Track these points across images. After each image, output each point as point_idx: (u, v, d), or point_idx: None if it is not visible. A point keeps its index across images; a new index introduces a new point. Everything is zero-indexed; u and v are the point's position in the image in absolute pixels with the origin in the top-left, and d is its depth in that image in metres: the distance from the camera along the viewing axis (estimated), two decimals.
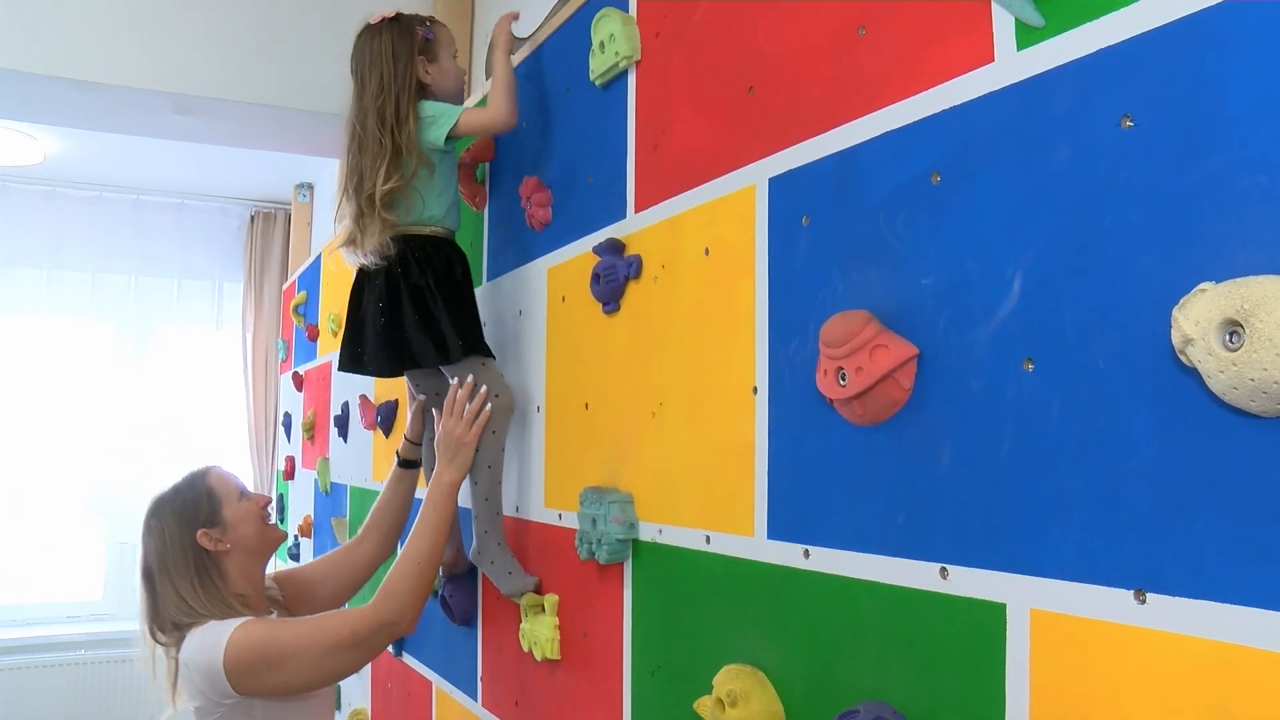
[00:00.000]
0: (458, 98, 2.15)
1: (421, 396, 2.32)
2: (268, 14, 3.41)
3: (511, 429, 2.16)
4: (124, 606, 5.94)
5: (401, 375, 2.25)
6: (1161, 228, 0.92)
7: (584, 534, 1.77)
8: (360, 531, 2.46)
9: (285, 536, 2.34)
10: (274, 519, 2.32)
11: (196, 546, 2.05)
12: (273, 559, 2.41)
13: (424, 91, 2.08)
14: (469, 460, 2.04)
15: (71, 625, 5.77)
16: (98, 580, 5.98)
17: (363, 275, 2.13)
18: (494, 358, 2.11)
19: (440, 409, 2.14)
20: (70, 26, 3.15)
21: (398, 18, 2.11)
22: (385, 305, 2.06)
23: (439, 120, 2.02)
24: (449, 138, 2.03)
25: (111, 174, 5.85)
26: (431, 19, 2.17)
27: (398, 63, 2.05)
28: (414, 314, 2.02)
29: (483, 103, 2.14)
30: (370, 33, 2.08)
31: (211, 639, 1.92)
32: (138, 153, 5.36)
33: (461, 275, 2.09)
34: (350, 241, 2.06)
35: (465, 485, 2.09)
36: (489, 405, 2.04)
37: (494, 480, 2.07)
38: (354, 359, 2.16)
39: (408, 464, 2.43)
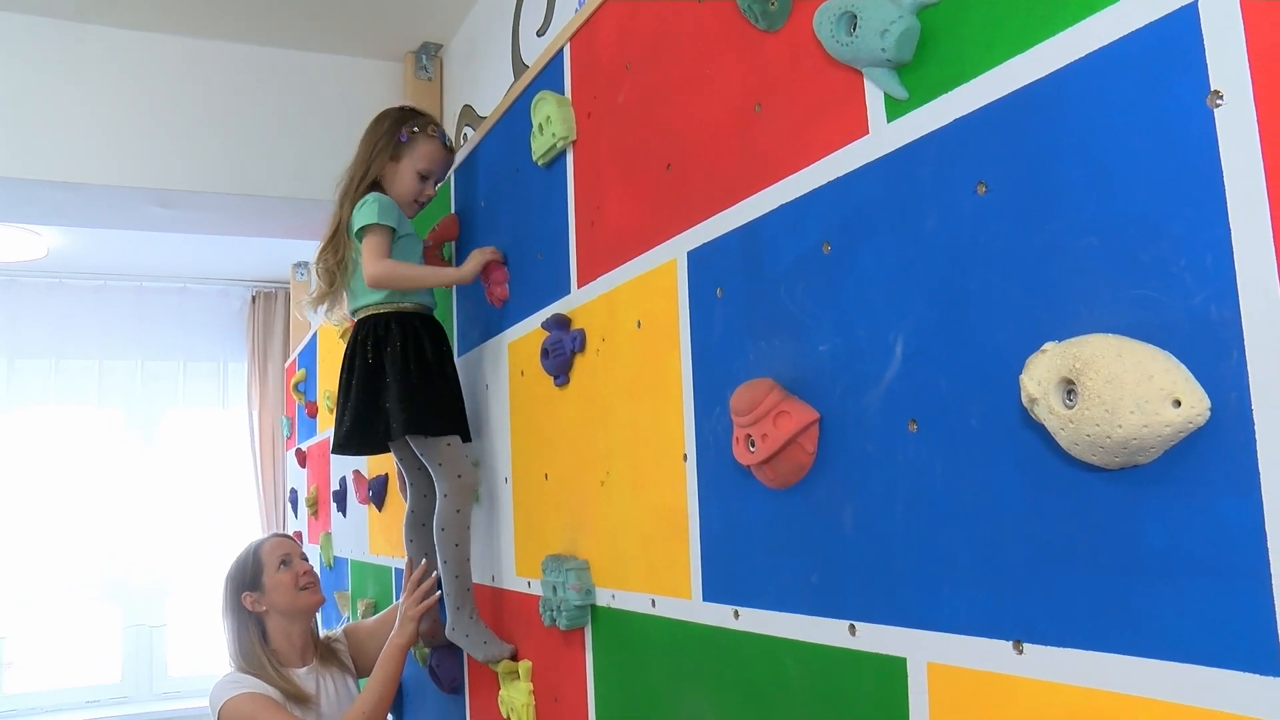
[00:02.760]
0: (406, 207, 2.23)
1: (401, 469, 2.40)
2: (241, 107, 3.52)
3: (485, 500, 2.21)
4: (141, 689, 5.97)
5: (370, 453, 2.27)
6: (1015, 290, 0.97)
7: (546, 601, 1.81)
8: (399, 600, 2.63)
9: (318, 601, 2.55)
10: (309, 586, 2.54)
11: (240, 606, 2.46)
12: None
13: (379, 185, 2.17)
14: (414, 630, 2.30)
15: (90, 710, 5.79)
16: (115, 663, 6.01)
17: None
18: (460, 435, 2.13)
19: (413, 480, 2.27)
20: (49, 130, 3.26)
21: (403, 111, 2.25)
22: (344, 386, 2.14)
23: (361, 213, 2.10)
24: (356, 231, 2.10)
25: (113, 263, 5.96)
26: (431, 127, 2.26)
27: (372, 149, 2.20)
28: (360, 395, 2.09)
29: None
30: (381, 115, 2.24)
31: (221, 691, 2.31)
32: (138, 242, 5.47)
33: (427, 352, 2.11)
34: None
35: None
36: (436, 574, 2.18)
37: (462, 558, 2.12)
38: (335, 441, 2.21)
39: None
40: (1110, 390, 0.83)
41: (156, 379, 6.24)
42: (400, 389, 2.06)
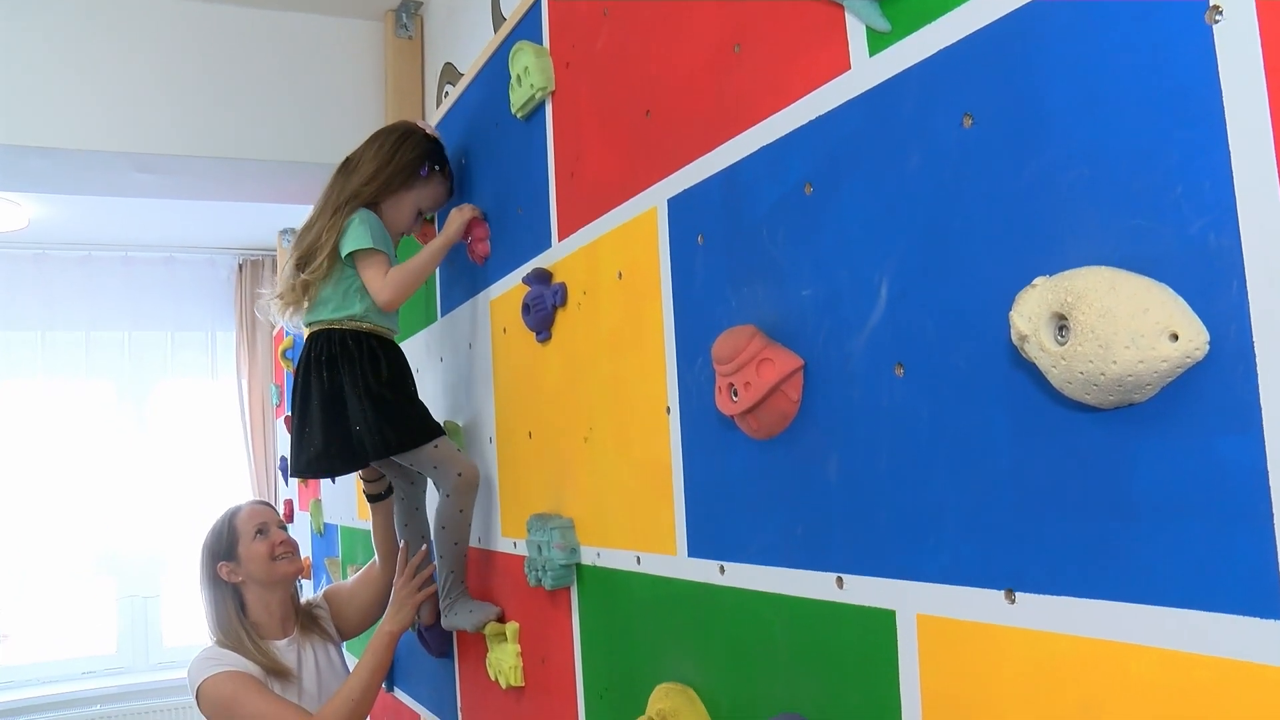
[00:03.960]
0: (395, 235, 2.13)
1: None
2: (218, 69, 3.44)
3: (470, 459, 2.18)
4: (137, 659, 5.97)
5: (344, 474, 2.18)
6: (1003, 225, 0.93)
7: (531, 561, 1.78)
8: (374, 558, 2.62)
9: (295, 571, 2.46)
10: (286, 555, 2.44)
11: (216, 576, 2.39)
12: None
13: (374, 206, 2.08)
14: (410, 617, 2.27)
15: (87, 681, 5.78)
16: (110, 635, 6.00)
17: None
18: (441, 434, 2.03)
19: (394, 475, 2.25)
20: (25, 95, 3.18)
21: (431, 143, 2.14)
22: (300, 406, 2.03)
23: (353, 235, 1.99)
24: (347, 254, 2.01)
25: (99, 233, 5.89)
26: (448, 168, 2.18)
27: (385, 168, 2.06)
28: (325, 418, 1.97)
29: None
30: (404, 134, 2.12)
31: (199, 668, 2.24)
32: (122, 210, 5.40)
33: (383, 370, 1.99)
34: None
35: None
36: (435, 562, 2.14)
37: (459, 554, 2.09)
38: (300, 464, 2.06)
39: (376, 498, 2.47)
40: (1104, 325, 0.79)
41: (145, 350, 6.18)
42: (369, 412, 1.94)
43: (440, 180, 2.15)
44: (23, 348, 5.92)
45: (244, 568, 2.39)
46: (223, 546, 2.39)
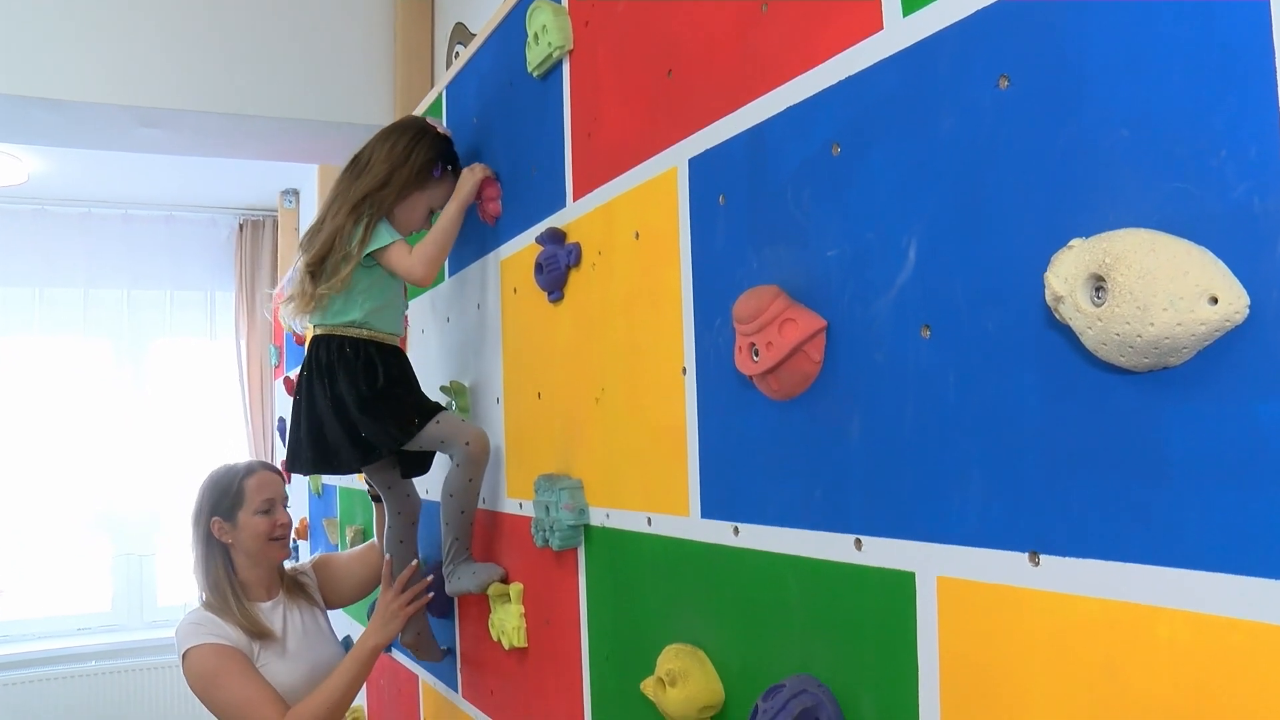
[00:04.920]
0: (405, 232, 2.11)
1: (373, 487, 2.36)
2: (226, 23, 3.41)
3: (474, 422, 2.17)
4: (133, 617, 5.99)
5: (346, 473, 2.20)
6: (1038, 187, 0.92)
7: (538, 521, 1.77)
8: (374, 539, 2.60)
9: (284, 556, 2.43)
10: (282, 539, 2.39)
11: (207, 527, 2.32)
12: None
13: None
14: (396, 631, 2.23)
15: (82, 637, 5.81)
16: (106, 592, 6.02)
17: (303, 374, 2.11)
18: (441, 410, 2.05)
19: (386, 498, 2.26)
20: (29, 45, 3.16)
21: (443, 141, 2.13)
22: (304, 407, 2.07)
23: (377, 237, 2.01)
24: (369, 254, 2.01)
25: (98, 190, 5.87)
26: (453, 166, 2.16)
27: (398, 168, 2.05)
28: (332, 420, 2.01)
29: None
30: (417, 133, 2.10)
31: (186, 633, 2.22)
32: (123, 167, 5.37)
33: (382, 380, 2.02)
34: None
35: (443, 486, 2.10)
36: (429, 576, 2.18)
37: (465, 523, 2.08)
38: (294, 459, 2.13)
39: (378, 499, 2.48)
40: (1142, 286, 0.79)
41: (143, 308, 6.18)
42: (367, 417, 1.99)
43: (452, 179, 2.14)
44: (20, 304, 5.90)
45: (238, 533, 2.32)
46: (225, 504, 2.33)
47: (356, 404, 1.98)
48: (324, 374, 2.02)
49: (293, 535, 4.34)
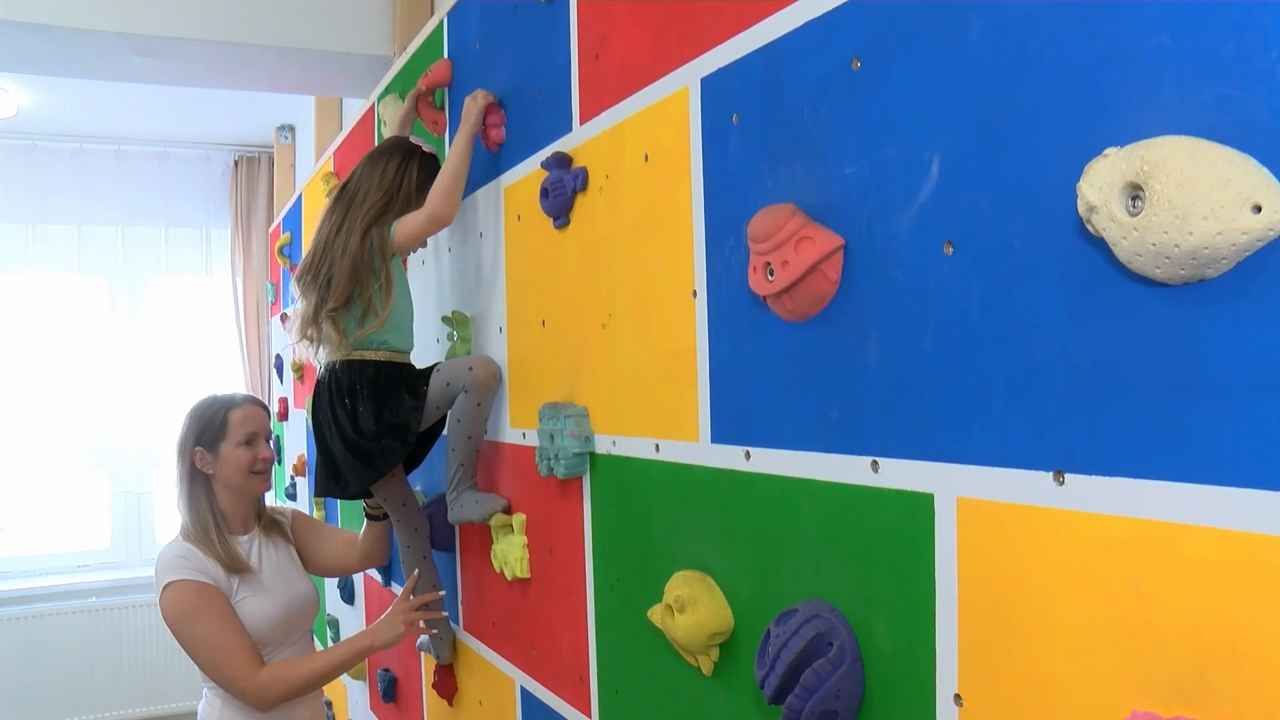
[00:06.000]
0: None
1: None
2: None
3: (478, 351, 2.15)
4: (131, 554, 6.01)
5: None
6: (1071, 97, 0.89)
7: (543, 450, 1.76)
8: (358, 541, 2.61)
9: (265, 489, 2.43)
10: (263, 473, 2.39)
11: (191, 459, 2.32)
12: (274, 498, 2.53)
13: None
14: (397, 640, 2.23)
15: (81, 574, 5.83)
16: (104, 530, 6.03)
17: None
18: (434, 369, 2.09)
19: (397, 516, 2.30)
20: None
21: (430, 163, 2.14)
22: (328, 430, 2.12)
23: (387, 239, 2.03)
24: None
25: (91, 125, 5.78)
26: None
27: (400, 184, 2.08)
28: (340, 444, 2.08)
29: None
30: (403, 159, 2.11)
31: (167, 565, 2.23)
32: (116, 102, 5.29)
33: (399, 402, 2.07)
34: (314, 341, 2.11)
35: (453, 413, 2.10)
36: (441, 592, 2.23)
37: (471, 449, 2.07)
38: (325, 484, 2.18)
39: (374, 518, 2.52)
40: (1182, 194, 0.76)
41: (138, 246, 6.12)
42: (388, 437, 2.06)
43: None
44: (13, 240, 5.84)
45: (218, 465, 2.32)
46: (208, 434, 2.32)
47: (376, 428, 2.05)
48: (343, 395, 2.07)
49: (290, 473, 4.37)
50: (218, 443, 2.32)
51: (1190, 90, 0.79)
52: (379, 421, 2.04)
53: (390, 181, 2.07)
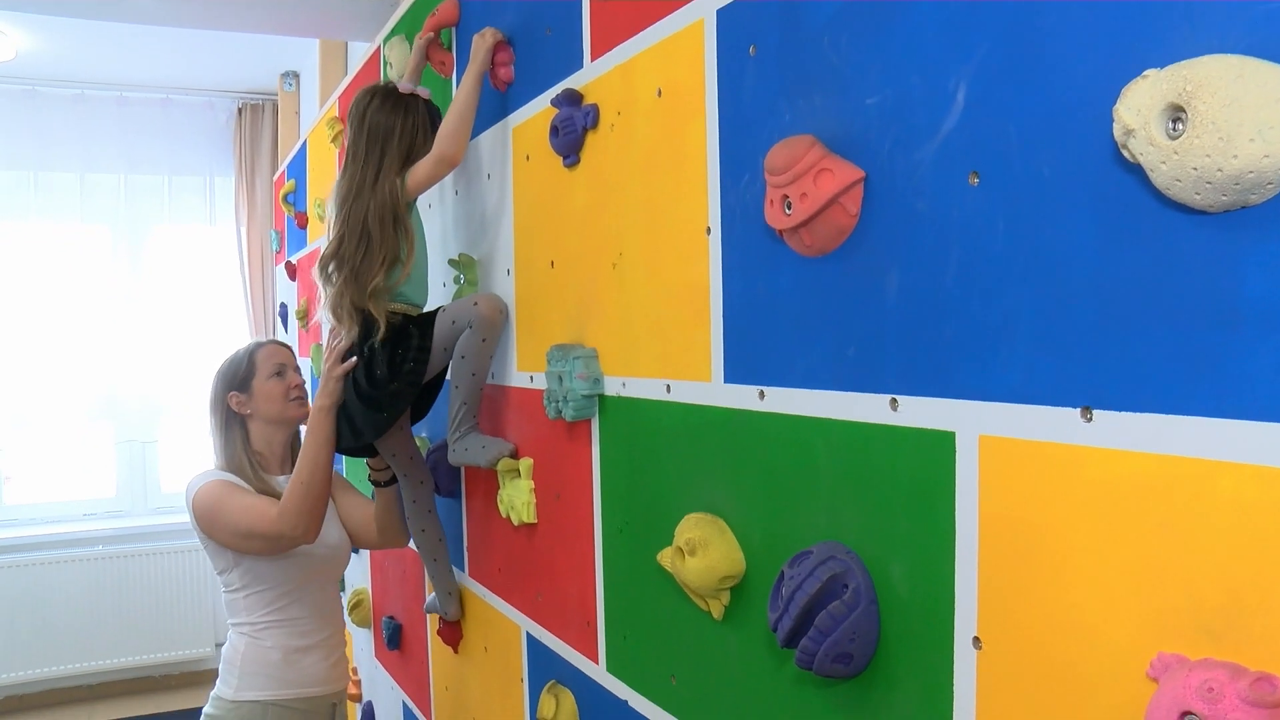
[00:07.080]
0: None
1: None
2: None
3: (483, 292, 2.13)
4: (136, 503, 6.01)
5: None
6: (1106, 19, 0.85)
7: (551, 393, 1.73)
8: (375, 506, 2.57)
9: (305, 414, 2.41)
10: (299, 398, 2.44)
11: (225, 404, 2.39)
12: None
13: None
14: (336, 390, 2.15)
15: (88, 522, 5.84)
16: (110, 478, 6.04)
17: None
18: (439, 310, 2.07)
19: (403, 470, 2.30)
20: None
21: (428, 107, 2.11)
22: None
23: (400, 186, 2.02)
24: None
25: (92, 71, 5.71)
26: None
27: (415, 128, 2.06)
28: (353, 395, 2.11)
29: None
30: (407, 103, 2.08)
31: (194, 485, 2.29)
32: (117, 46, 5.22)
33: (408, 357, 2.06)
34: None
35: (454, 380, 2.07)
36: (353, 360, 2.12)
37: (475, 386, 2.03)
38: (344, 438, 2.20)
39: (379, 483, 2.44)
40: (1227, 115, 0.73)
41: (141, 194, 6.07)
42: (402, 383, 2.06)
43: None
44: (15, 188, 5.80)
45: (254, 402, 2.38)
46: (238, 377, 2.38)
47: (395, 379, 2.05)
48: (386, 352, 2.06)
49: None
50: (249, 381, 2.38)
51: (1237, 6, 0.76)
52: (392, 369, 2.03)
53: (414, 122, 2.07)
